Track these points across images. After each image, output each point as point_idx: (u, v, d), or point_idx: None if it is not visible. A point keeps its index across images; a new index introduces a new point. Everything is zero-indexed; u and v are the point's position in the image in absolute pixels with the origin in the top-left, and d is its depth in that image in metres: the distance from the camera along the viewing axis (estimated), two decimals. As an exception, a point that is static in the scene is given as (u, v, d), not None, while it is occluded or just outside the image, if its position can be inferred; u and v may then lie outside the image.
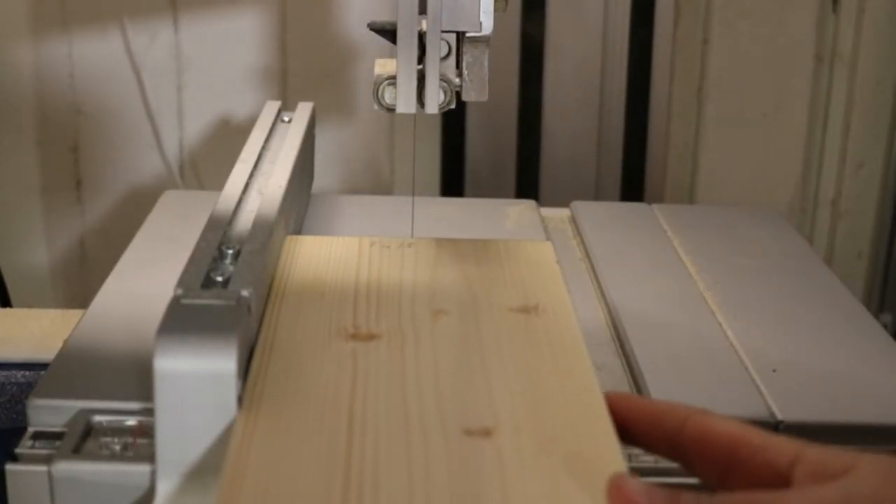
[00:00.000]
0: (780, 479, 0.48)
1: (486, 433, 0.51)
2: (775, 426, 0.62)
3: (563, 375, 0.57)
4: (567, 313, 0.64)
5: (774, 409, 0.63)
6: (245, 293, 0.57)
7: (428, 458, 0.49)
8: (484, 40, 0.74)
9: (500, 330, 0.61)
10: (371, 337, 0.60)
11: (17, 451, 0.57)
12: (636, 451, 0.60)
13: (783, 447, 0.49)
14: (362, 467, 0.48)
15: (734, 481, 0.50)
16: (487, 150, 1.37)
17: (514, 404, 0.54)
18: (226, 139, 1.33)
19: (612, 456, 0.50)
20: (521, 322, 0.62)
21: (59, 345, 0.67)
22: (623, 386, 0.68)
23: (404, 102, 0.73)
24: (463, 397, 0.54)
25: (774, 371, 0.67)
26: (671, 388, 0.65)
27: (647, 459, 0.60)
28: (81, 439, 0.57)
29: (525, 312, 0.64)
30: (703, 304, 0.78)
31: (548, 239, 0.88)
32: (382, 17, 0.75)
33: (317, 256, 0.71)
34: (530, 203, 0.96)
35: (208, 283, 0.59)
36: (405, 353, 0.58)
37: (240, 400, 0.53)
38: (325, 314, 0.62)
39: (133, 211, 1.30)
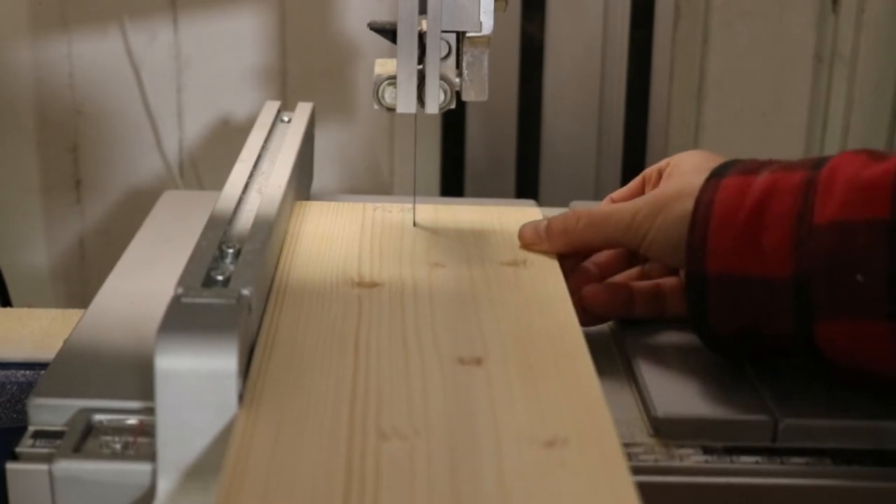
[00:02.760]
0: None
1: (478, 362, 0.58)
2: (775, 426, 0.62)
3: (546, 316, 0.64)
4: (553, 267, 0.71)
5: (774, 409, 0.63)
6: (245, 292, 0.57)
7: (425, 382, 0.55)
8: (484, 40, 0.74)
9: (491, 279, 0.69)
10: (374, 284, 0.67)
11: (18, 449, 0.57)
12: (637, 450, 0.61)
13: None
14: (366, 404, 0.53)
15: None
16: (487, 150, 1.37)
17: (502, 338, 0.60)
18: (226, 139, 1.33)
19: (588, 381, 0.56)
20: (510, 273, 0.70)
21: (60, 344, 0.67)
22: (623, 386, 0.68)
23: (404, 102, 0.73)
24: (456, 332, 0.61)
25: (773, 370, 0.67)
26: (671, 387, 0.65)
27: (647, 459, 0.60)
28: (82, 438, 0.57)
29: (514, 266, 0.71)
30: (703, 304, 0.78)
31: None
32: (382, 17, 0.75)
33: (324, 219, 0.78)
34: (530, 203, 0.96)
35: (209, 281, 0.59)
36: (405, 297, 0.65)
37: (240, 398, 0.53)
38: (332, 267, 0.69)
39: (133, 211, 1.30)
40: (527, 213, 0.81)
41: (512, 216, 0.80)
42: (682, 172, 0.70)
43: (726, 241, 0.63)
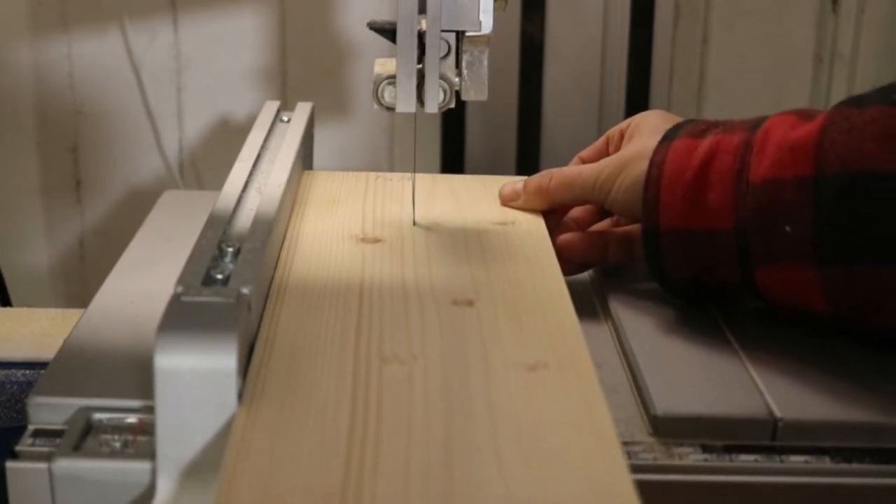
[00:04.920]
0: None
1: (470, 303, 0.64)
2: (775, 425, 0.62)
3: (532, 266, 0.71)
4: (540, 227, 0.78)
5: (774, 408, 0.63)
6: (245, 290, 0.57)
7: (423, 319, 0.62)
8: (484, 40, 0.74)
9: (483, 235, 0.76)
10: (376, 240, 0.74)
11: (18, 448, 0.57)
12: (636, 449, 0.61)
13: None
14: (370, 335, 0.59)
15: None
16: (487, 150, 1.37)
17: (491, 284, 0.67)
18: (225, 139, 1.33)
19: (567, 317, 0.63)
20: (500, 231, 0.77)
21: (60, 344, 0.67)
22: (623, 385, 0.68)
23: (404, 102, 0.73)
24: (451, 279, 0.68)
25: (774, 370, 0.67)
26: (671, 387, 0.65)
27: (647, 457, 0.60)
28: (82, 437, 0.57)
29: (504, 225, 0.78)
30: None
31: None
32: (382, 17, 0.75)
33: (329, 185, 0.85)
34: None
35: (208, 280, 0.59)
36: (404, 250, 0.72)
37: (240, 396, 0.53)
38: (338, 225, 0.76)
39: (133, 211, 1.30)
40: (515, 180, 0.87)
41: (501, 184, 0.86)
42: (641, 133, 0.78)
43: (676, 199, 0.70)
